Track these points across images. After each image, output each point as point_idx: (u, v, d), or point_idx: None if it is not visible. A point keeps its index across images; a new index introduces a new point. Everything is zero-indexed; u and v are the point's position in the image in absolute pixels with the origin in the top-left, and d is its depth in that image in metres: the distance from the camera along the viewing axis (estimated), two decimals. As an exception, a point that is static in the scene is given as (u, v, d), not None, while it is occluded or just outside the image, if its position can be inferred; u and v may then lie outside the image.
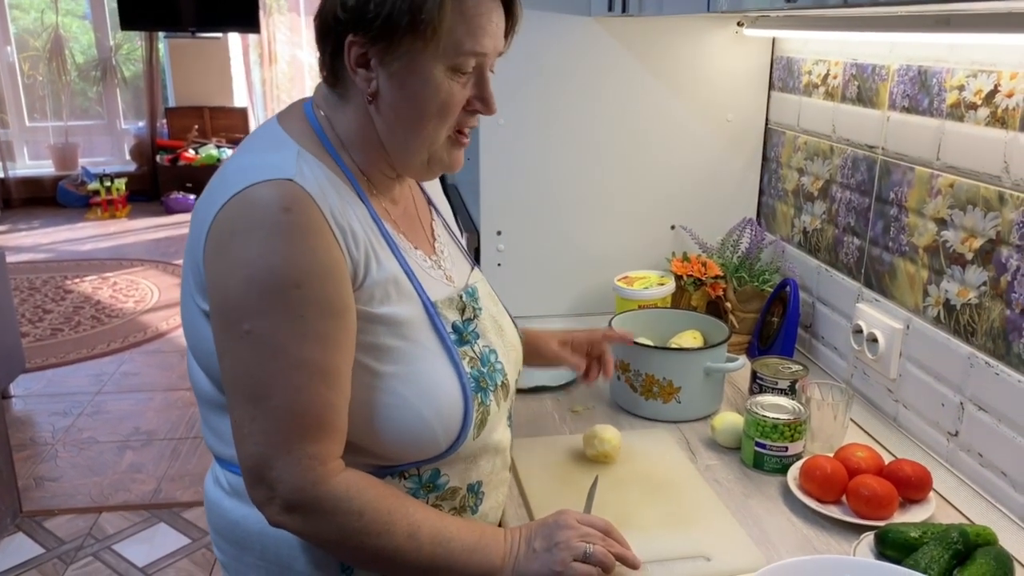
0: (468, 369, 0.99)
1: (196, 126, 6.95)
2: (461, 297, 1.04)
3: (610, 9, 1.62)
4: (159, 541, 2.59)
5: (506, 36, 0.98)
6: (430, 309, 0.98)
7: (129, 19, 6.53)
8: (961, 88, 1.26)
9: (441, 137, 0.96)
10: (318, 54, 0.97)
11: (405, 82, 0.91)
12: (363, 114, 0.96)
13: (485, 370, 1.02)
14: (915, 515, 1.15)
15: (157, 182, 6.93)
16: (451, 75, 0.92)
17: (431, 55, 0.90)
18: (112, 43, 6.97)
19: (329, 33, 0.93)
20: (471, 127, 0.99)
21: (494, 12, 0.93)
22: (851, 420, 1.42)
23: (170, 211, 6.68)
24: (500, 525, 1.14)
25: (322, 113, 0.99)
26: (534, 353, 1.31)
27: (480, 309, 1.07)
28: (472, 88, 0.95)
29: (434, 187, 1.20)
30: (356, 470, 0.93)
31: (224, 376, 0.91)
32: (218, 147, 6.91)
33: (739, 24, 1.81)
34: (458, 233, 1.19)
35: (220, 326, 0.89)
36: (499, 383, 1.04)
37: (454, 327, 1.01)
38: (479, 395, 0.99)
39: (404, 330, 0.95)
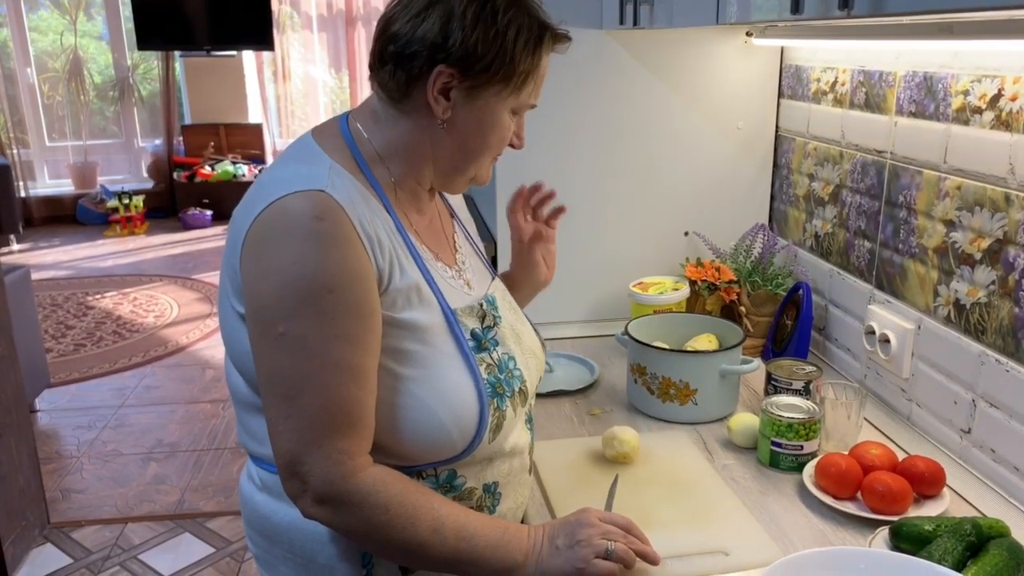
0: (485, 375, 1.02)
1: (212, 143, 7.05)
2: (482, 305, 1.08)
3: (621, 23, 1.66)
4: (184, 550, 2.64)
5: None
6: (449, 316, 1.02)
7: (145, 39, 6.66)
8: (966, 93, 1.29)
9: (488, 163, 1.06)
10: (386, 66, 0.98)
11: (483, 118, 1.00)
12: (422, 131, 1.01)
13: (503, 376, 1.05)
14: (929, 510, 1.17)
15: (174, 199, 7.03)
16: (511, 116, 1.03)
17: (509, 100, 1.00)
18: (129, 63, 7.09)
19: (416, 56, 0.96)
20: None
21: None
22: (865, 419, 1.44)
23: (187, 227, 6.77)
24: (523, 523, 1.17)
25: (359, 126, 1.03)
26: (524, 282, 1.33)
27: (500, 317, 1.10)
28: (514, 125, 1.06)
29: (458, 201, 1.24)
30: (384, 466, 0.97)
31: (259, 377, 0.95)
32: (234, 163, 7.00)
33: (748, 34, 1.84)
34: (479, 245, 1.23)
35: (255, 329, 0.94)
36: (516, 389, 1.07)
37: (473, 334, 1.04)
38: (495, 400, 1.02)
39: (424, 335, 0.99)
